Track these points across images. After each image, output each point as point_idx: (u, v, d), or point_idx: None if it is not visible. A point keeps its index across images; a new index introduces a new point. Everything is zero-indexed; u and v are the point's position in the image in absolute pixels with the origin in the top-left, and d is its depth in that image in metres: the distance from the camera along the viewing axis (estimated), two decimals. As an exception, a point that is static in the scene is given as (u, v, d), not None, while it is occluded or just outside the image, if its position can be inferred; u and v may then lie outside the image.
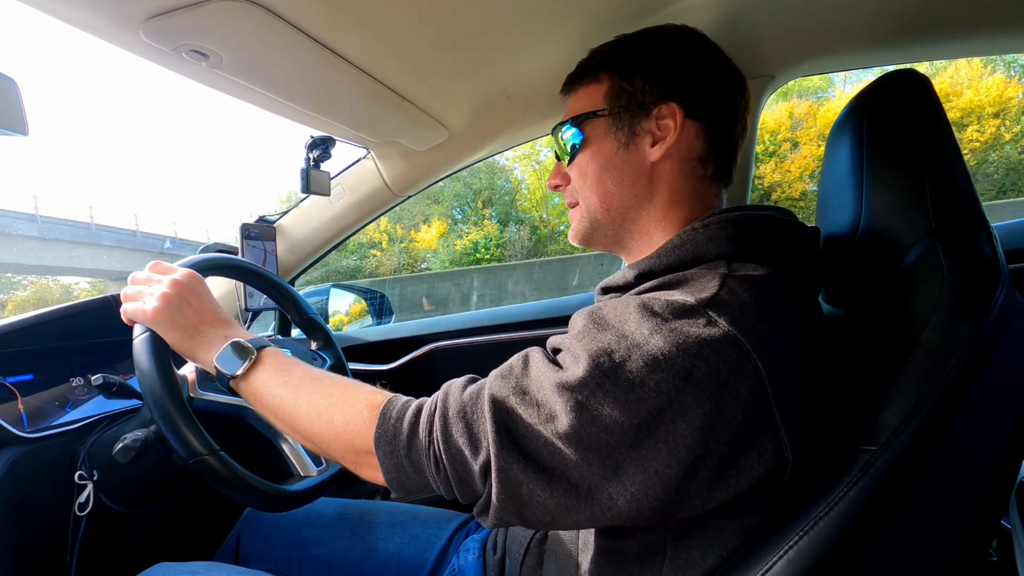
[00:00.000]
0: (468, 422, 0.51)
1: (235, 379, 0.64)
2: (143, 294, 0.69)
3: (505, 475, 0.49)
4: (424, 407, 0.56)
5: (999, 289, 0.50)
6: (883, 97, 0.61)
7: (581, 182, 0.67)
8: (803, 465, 0.49)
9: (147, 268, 0.72)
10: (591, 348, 0.49)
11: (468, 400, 0.53)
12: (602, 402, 0.47)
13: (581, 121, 0.66)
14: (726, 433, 0.46)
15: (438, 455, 0.52)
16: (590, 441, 0.47)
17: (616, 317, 0.51)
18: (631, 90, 0.64)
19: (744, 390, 0.46)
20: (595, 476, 0.47)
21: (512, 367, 0.54)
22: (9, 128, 0.61)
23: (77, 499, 0.75)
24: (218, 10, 0.63)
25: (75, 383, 0.87)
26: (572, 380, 0.48)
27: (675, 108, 0.61)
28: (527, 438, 0.49)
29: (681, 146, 0.63)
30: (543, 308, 1.38)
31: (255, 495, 0.67)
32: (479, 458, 0.50)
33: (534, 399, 0.50)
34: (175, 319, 0.67)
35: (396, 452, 0.54)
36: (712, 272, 0.53)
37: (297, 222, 1.36)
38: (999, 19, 0.86)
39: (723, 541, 0.52)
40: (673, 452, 0.46)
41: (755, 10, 0.83)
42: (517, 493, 0.49)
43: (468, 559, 0.78)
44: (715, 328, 0.47)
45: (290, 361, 0.66)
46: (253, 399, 0.65)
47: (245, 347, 0.65)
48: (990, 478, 0.51)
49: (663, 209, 0.64)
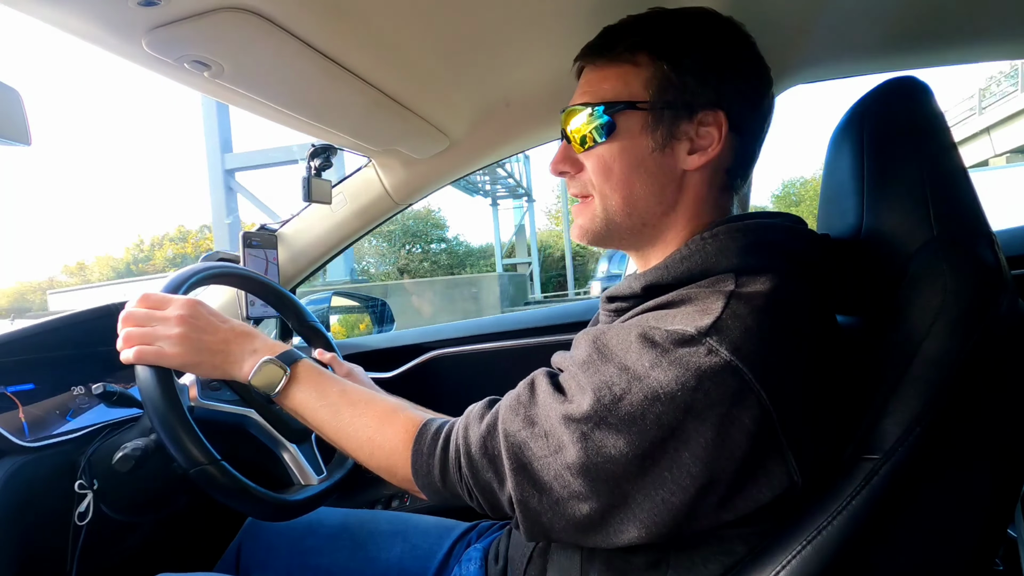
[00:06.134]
0: (491, 458, 0.55)
1: (275, 397, 0.66)
2: (154, 337, 0.65)
3: (524, 506, 0.52)
4: (451, 442, 0.59)
5: (1002, 295, 0.50)
6: (884, 104, 0.61)
7: (602, 178, 0.60)
8: (811, 481, 0.49)
9: (136, 303, 0.68)
10: (594, 381, 0.50)
11: (486, 435, 0.56)
12: (605, 435, 0.48)
13: (616, 110, 0.58)
14: (731, 460, 0.46)
15: (470, 488, 0.56)
16: (597, 471, 0.48)
17: (618, 346, 0.51)
18: (679, 86, 0.56)
19: (747, 418, 0.46)
20: (604, 505, 0.49)
21: (519, 397, 0.56)
22: (12, 138, 0.61)
23: (77, 508, 0.75)
24: (220, 21, 0.64)
25: (76, 392, 0.87)
26: (576, 413, 0.50)
27: (722, 118, 0.56)
28: (540, 470, 0.51)
29: (717, 158, 0.58)
30: (545, 316, 1.37)
31: (255, 504, 0.67)
32: (505, 491, 0.54)
33: (543, 430, 0.52)
34: (200, 354, 0.66)
35: (433, 484, 0.59)
36: (717, 291, 0.51)
37: (298, 230, 1.36)
38: (1000, 25, 0.86)
39: (727, 551, 0.52)
40: (678, 480, 0.47)
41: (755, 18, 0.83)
42: (538, 521, 0.52)
43: (470, 568, 0.77)
44: (716, 358, 0.46)
45: (324, 377, 0.68)
46: (295, 415, 0.68)
47: (277, 367, 0.66)
48: (995, 487, 0.50)
49: (685, 218, 0.61)
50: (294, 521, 0.76)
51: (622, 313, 0.61)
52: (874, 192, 0.59)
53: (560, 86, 0.71)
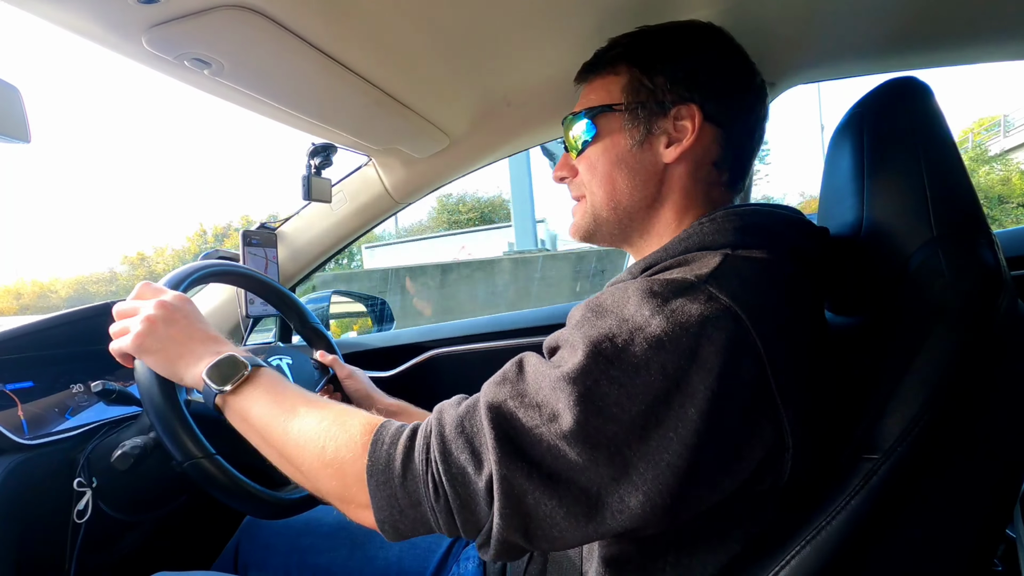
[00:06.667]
0: (468, 436, 0.48)
1: (223, 394, 0.59)
2: (128, 327, 0.64)
3: (508, 484, 0.45)
4: (419, 429, 0.52)
5: (1001, 295, 0.50)
6: (884, 104, 0.61)
7: (589, 176, 0.65)
8: (803, 462, 0.48)
9: (135, 291, 0.67)
10: (591, 335, 0.47)
11: (465, 413, 0.50)
12: (607, 390, 0.45)
13: (595, 113, 0.64)
14: (731, 416, 0.45)
15: (437, 479, 0.48)
16: (597, 436, 0.44)
17: (615, 302, 0.50)
18: (651, 87, 0.61)
19: (745, 367, 0.45)
20: (604, 478, 0.45)
21: (506, 373, 0.52)
22: (12, 136, 0.61)
23: (76, 506, 0.75)
24: (220, 18, 0.64)
25: (75, 390, 0.87)
26: (573, 371, 0.46)
27: (695, 110, 0.60)
28: (530, 443, 0.46)
29: (697, 150, 0.61)
30: (546, 314, 1.37)
31: (252, 501, 0.67)
32: (483, 473, 0.46)
33: (533, 400, 0.47)
34: (161, 341, 0.62)
35: (390, 482, 0.49)
36: (714, 253, 0.53)
37: (298, 229, 1.37)
38: (1000, 26, 0.86)
39: (725, 549, 0.52)
40: (683, 440, 0.44)
41: (756, 17, 0.84)
42: (522, 504, 0.45)
43: (468, 567, 0.77)
44: (716, 303, 0.46)
45: (286, 383, 0.62)
46: (239, 419, 0.60)
47: (238, 361, 0.61)
48: (994, 487, 0.50)
49: (675, 213, 0.63)
50: (292, 520, 0.76)
51: None
52: (874, 192, 0.59)
53: (561, 85, 0.71)
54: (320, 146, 1.14)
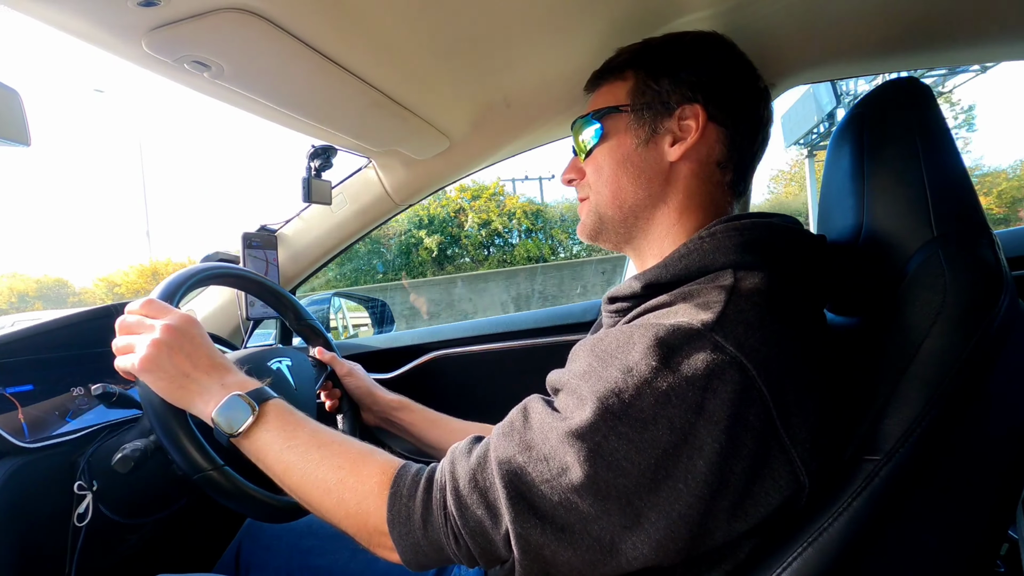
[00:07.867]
0: (482, 490, 0.50)
1: (235, 437, 0.61)
2: (134, 344, 0.64)
3: (524, 541, 0.47)
4: (434, 480, 0.54)
5: (1002, 296, 0.49)
6: (884, 105, 0.61)
7: (596, 177, 0.67)
8: (817, 485, 0.48)
9: (139, 306, 0.66)
10: (598, 389, 0.48)
11: (476, 467, 0.51)
12: (616, 445, 0.46)
13: (602, 115, 0.66)
14: (741, 463, 0.46)
15: (457, 531, 0.51)
16: (607, 489, 0.46)
17: (619, 347, 0.50)
18: (656, 88, 0.63)
19: (752, 416, 0.46)
20: (616, 527, 0.46)
21: (513, 423, 0.53)
22: (12, 139, 0.61)
23: (76, 509, 0.74)
24: (220, 21, 0.64)
25: (75, 393, 0.87)
26: (581, 427, 0.47)
27: (698, 110, 0.61)
28: (541, 497, 0.47)
29: (701, 149, 0.62)
30: (546, 316, 1.37)
31: (257, 507, 0.67)
32: (500, 529, 0.49)
33: (541, 453, 0.48)
34: (165, 368, 0.62)
35: (412, 533, 0.52)
36: (717, 286, 0.52)
37: (298, 231, 1.37)
38: (1001, 26, 0.86)
39: (731, 554, 0.51)
40: (693, 491, 0.45)
41: (756, 19, 0.84)
42: (540, 556, 0.48)
43: (471, 570, 0.77)
44: (722, 354, 0.46)
45: (295, 419, 0.63)
46: (255, 459, 0.61)
47: (244, 403, 0.61)
48: (996, 487, 0.50)
49: (677, 212, 0.64)
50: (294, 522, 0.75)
51: (624, 313, 0.61)
52: (874, 192, 0.59)
53: (561, 86, 0.71)
54: (320, 148, 1.14)
